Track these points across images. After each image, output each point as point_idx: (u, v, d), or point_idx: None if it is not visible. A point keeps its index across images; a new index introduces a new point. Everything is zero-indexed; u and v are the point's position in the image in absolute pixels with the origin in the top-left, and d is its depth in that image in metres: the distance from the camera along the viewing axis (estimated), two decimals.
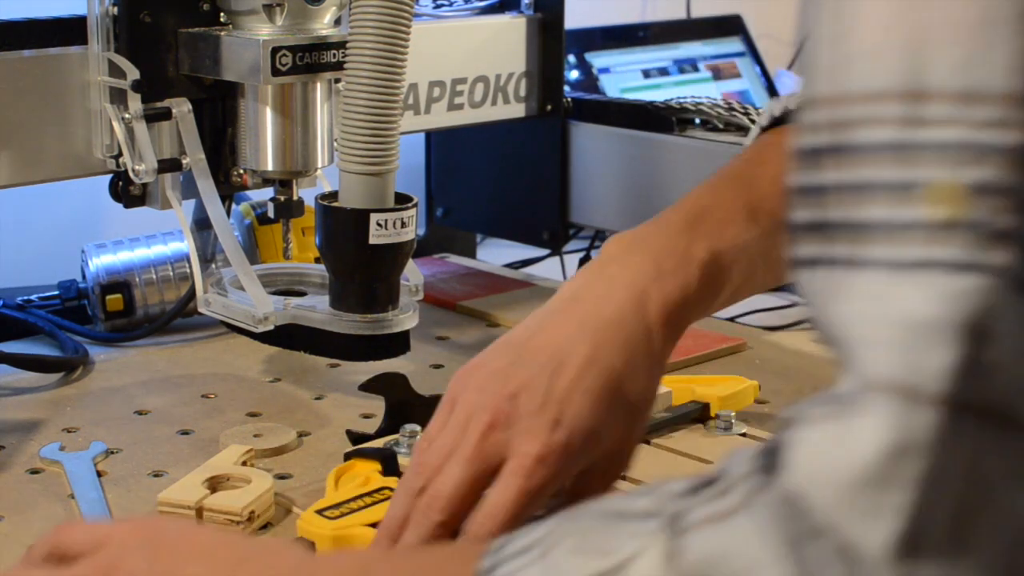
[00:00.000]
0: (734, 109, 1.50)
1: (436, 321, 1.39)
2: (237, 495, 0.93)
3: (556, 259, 1.71)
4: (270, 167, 1.16)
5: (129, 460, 1.05)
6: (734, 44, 2.32)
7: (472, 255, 1.71)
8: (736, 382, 1.12)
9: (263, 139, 1.15)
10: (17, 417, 1.13)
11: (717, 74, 2.26)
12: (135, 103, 1.12)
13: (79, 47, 1.15)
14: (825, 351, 0.57)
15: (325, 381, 1.22)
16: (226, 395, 1.19)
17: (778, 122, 0.95)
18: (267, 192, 1.21)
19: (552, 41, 1.52)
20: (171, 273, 1.35)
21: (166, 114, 1.14)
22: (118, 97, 1.14)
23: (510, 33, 1.50)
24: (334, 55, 1.12)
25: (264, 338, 1.13)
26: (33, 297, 1.38)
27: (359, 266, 1.08)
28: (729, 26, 2.33)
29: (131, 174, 1.13)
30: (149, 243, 1.36)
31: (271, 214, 1.20)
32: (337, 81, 1.14)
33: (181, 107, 1.15)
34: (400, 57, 1.04)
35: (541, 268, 1.72)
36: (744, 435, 1.03)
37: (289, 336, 1.13)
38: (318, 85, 1.15)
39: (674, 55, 2.22)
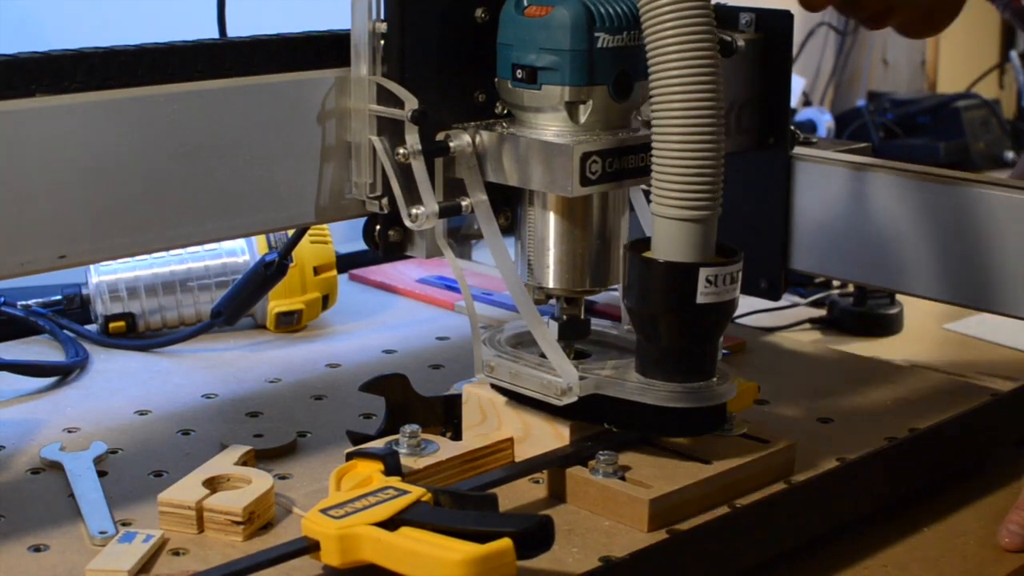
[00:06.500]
0: None
1: (436, 321, 1.39)
2: (237, 495, 0.93)
3: None
4: (551, 284, 1.01)
5: (129, 460, 1.05)
6: None
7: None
8: (735, 382, 1.11)
9: (547, 252, 1.00)
10: (17, 417, 1.13)
11: None
12: (412, 136, 0.97)
13: (332, 70, 1.00)
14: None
15: (325, 381, 1.22)
16: (226, 395, 1.19)
17: None
18: None
19: (777, 67, 1.25)
20: (176, 295, 1.33)
21: (444, 148, 0.99)
22: (387, 128, 0.99)
23: None
24: (642, 159, 0.96)
25: (557, 410, 0.99)
26: (30, 302, 1.37)
27: (683, 328, 0.94)
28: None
29: (406, 219, 0.98)
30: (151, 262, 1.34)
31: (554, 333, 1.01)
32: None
33: (460, 140, 0.99)
34: (712, 76, 0.88)
35: None
36: (745, 435, 1.03)
37: (588, 408, 0.98)
38: (620, 194, 1.00)
39: None
